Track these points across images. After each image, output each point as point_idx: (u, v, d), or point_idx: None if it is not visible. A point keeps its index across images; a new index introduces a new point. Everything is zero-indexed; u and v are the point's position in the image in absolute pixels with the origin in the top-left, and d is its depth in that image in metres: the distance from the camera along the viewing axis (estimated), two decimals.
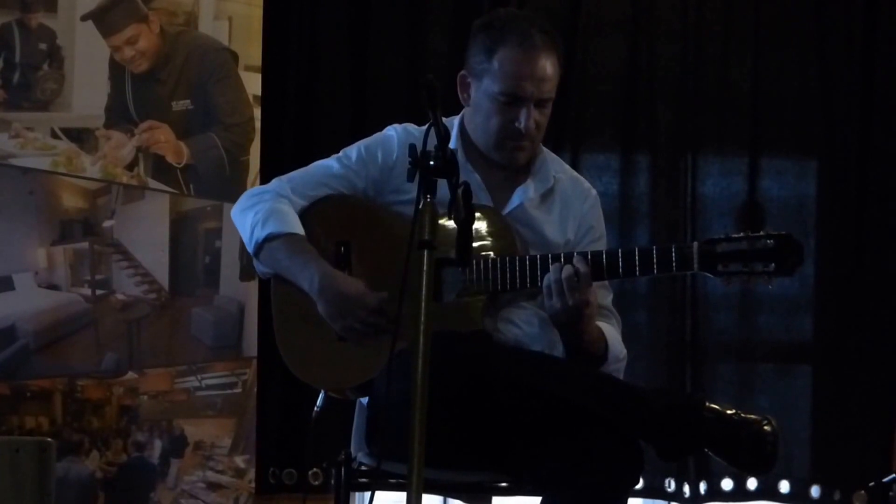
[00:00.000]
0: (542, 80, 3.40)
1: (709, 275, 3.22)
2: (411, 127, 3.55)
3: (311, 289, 3.40)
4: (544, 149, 3.58)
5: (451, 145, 3.43)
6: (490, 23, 3.48)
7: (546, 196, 3.54)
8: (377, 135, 3.58)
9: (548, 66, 3.41)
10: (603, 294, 3.49)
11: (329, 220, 3.51)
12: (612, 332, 3.48)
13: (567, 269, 3.24)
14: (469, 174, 3.46)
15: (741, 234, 3.21)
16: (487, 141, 3.47)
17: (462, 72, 3.51)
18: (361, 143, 3.57)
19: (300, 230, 3.47)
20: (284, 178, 3.57)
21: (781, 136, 5.36)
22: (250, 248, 3.51)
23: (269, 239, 3.45)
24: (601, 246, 3.60)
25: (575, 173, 3.68)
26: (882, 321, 5.24)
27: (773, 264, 3.18)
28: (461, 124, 3.54)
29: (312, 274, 3.40)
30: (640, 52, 5.35)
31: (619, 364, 3.46)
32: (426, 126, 2.87)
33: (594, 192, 3.67)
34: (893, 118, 5.30)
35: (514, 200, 3.50)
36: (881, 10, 5.31)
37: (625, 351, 3.49)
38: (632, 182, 5.34)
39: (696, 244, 3.23)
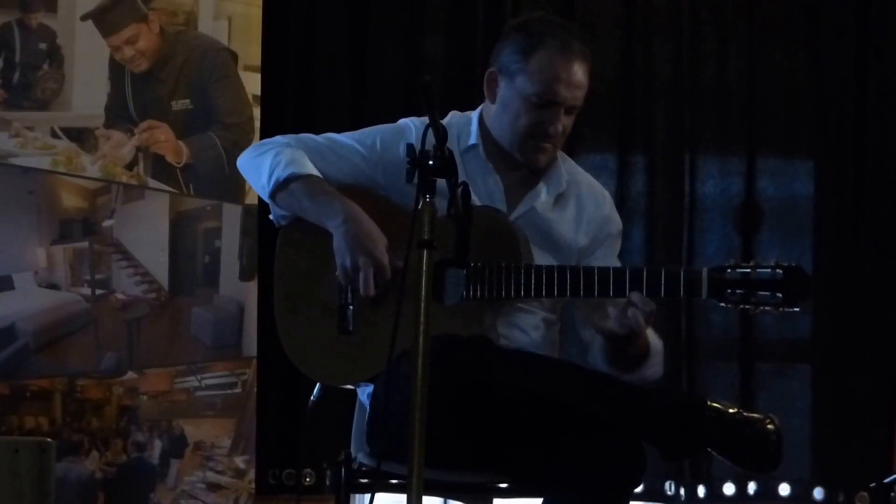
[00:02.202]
0: (577, 88, 3.40)
1: (714, 301, 3.22)
2: None
3: (334, 219, 3.34)
4: (560, 153, 3.57)
5: (472, 141, 3.47)
6: (527, 24, 3.46)
7: (559, 199, 3.53)
8: (394, 125, 3.54)
9: (582, 74, 3.40)
10: None
11: None
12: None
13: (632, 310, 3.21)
14: (488, 171, 3.47)
15: (751, 263, 3.21)
16: (513, 140, 3.45)
17: (491, 69, 3.48)
18: (378, 132, 3.52)
19: (320, 175, 3.43)
20: (292, 138, 3.53)
21: (778, 136, 5.37)
22: (269, 188, 3.42)
23: (291, 179, 3.39)
24: (618, 243, 3.61)
25: (590, 177, 3.66)
26: (881, 319, 5.24)
27: (780, 294, 3.18)
28: (480, 120, 3.53)
29: (338, 208, 3.35)
30: (636, 53, 5.36)
31: (659, 356, 3.44)
32: (424, 126, 2.85)
33: (608, 196, 3.66)
34: (889, 117, 5.31)
35: (527, 203, 3.49)
36: (875, 9, 5.32)
37: (661, 341, 3.47)
38: (629, 182, 5.35)
39: (705, 271, 3.22)
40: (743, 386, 5.29)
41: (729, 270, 3.20)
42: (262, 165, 3.45)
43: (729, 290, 3.20)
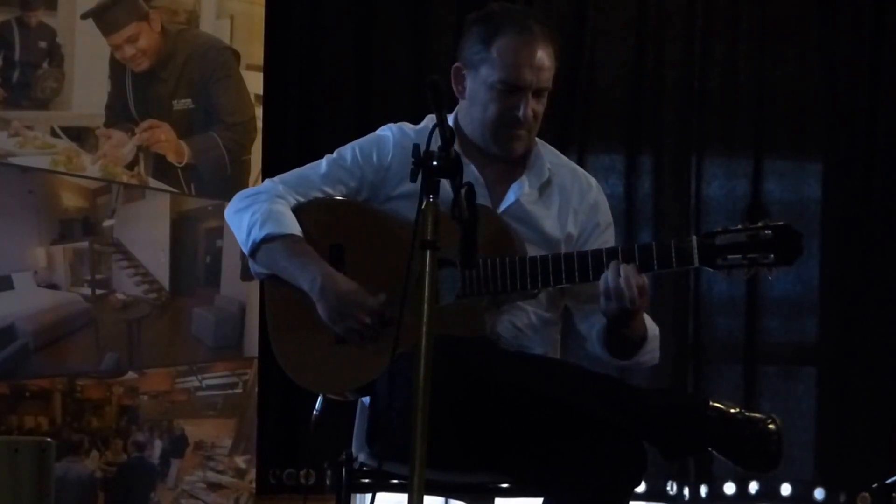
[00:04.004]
0: (541, 70, 3.39)
1: (709, 269, 3.21)
2: (407, 126, 3.53)
3: (311, 290, 3.36)
4: (538, 140, 3.56)
5: None
6: (486, 15, 3.47)
7: (543, 190, 3.52)
8: (372, 135, 3.56)
9: (545, 55, 3.40)
10: None
11: (320, 223, 3.47)
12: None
13: (625, 270, 3.20)
14: (466, 168, 3.43)
15: (739, 227, 3.20)
16: (484, 131, 3.45)
17: (456, 64, 3.50)
18: (356, 144, 3.54)
19: (298, 231, 3.44)
20: (276, 179, 3.54)
21: (786, 138, 5.37)
22: (246, 249, 3.47)
23: (267, 240, 3.41)
24: (610, 236, 3.58)
25: (574, 165, 3.65)
26: (886, 322, 5.24)
27: (772, 255, 3.17)
28: (455, 119, 3.51)
29: (314, 276, 3.37)
30: (646, 54, 5.36)
31: (656, 342, 3.44)
32: (431, 126, 2.84)
33: (594, 182, 3.63)
34: None
35: (510, 197, 3.48)
36: (887, 12, 5.31)
37: (657, 327, 3.46)
38: (637, 183, 5.35)
39: (694, 238, 3.22)
40: (748, 388, 5.29)
41: (719, 236, 3.20)
42: (241, 223, 3.48)
43: (720, 258, 3.19)
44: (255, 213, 3.44)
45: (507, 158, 3.49)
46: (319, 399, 3.52)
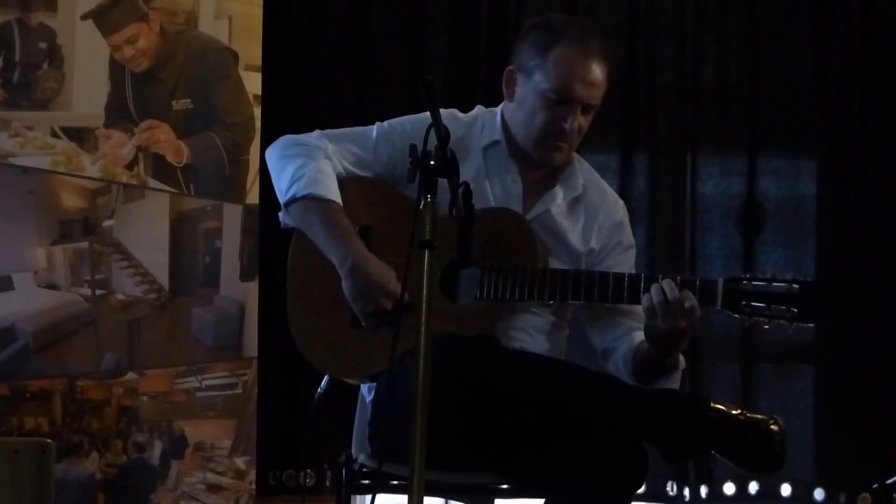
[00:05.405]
0: (593, 86, 3.40)
1: (729, 312, 3.21)
2: (458, 114, 3.53)
3: (340, 267, 3.34)
4: (576, 155, 3.56)
5: (496, 137, 3.47)
6: (547, 22, 3.46)
7: (573, 204, 3.52)
8: (423, 116, 3.46)
9: (600, 72, 3.39)
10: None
11: (352, 204, 3.45)
12: None
13: (672, 293, 3.18)
14: (509, 169, 3.47)
15: (767, 276, 3.20)
16: (528, 137, 3.45)
17: (510, 67, 3.48)
18: (407, 122, 3.52)
19: (339, 199, 3.41)
20: (325, 134, 3.51)
21: (781, 136, 5.37)
22: (283, 199, 3.43)
23: (308, 198, 3.40)
24: (631, 257, 3.57)
25: (604, 184, 3.65)
26: (884, 321, 5.23)
27: (795, 309, 3.17)
28: (502, 118, 3.52)
29: (346, 252, 3.34)
30: (639, 53, 5.36)
31: (679, 374, 3.41)
32: (426, 126, 2.84)
33: (622, 204, 3.64)
34: (892, 118, 5.30)
35: (542, 206, 3.48)
36: (878, 9, 5.31)
37: (685, 362, 3.44)
38: (631, 182, 5.35)
39: (720, 280, 3.21)
40: (745, 386, 5.29)
41: (745, 282, 3.20)
42: (284, 171, 3.45)
43: (744, 302, 3.19)
44: (304, 166, 3.41)
45: (544, 166, 3.49)
46: (325, 378, 3.50)
